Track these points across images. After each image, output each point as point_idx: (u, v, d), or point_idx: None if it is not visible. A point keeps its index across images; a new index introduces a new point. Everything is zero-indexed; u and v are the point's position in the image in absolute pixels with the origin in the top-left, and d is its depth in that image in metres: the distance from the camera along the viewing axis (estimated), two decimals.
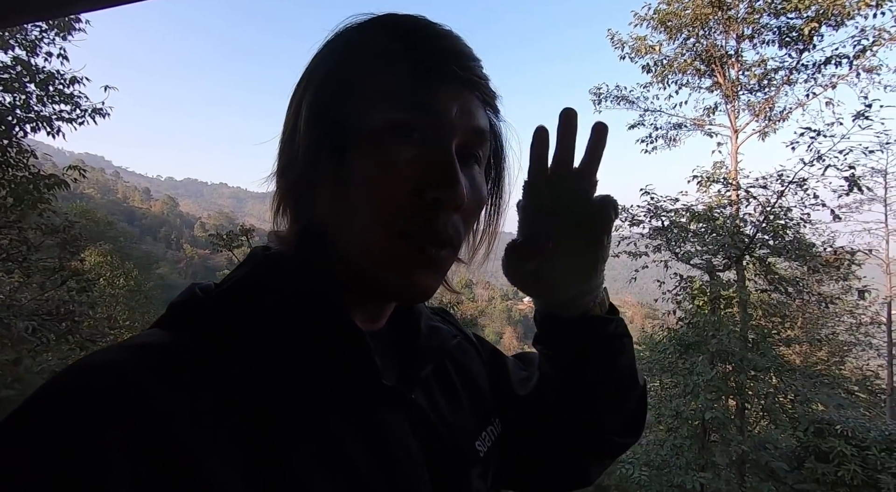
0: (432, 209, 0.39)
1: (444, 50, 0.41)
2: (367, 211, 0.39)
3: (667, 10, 7.58)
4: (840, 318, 11.51)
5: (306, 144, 0.41)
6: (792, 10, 6.87)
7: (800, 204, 6.79)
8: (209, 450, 0.30)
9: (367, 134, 0.39)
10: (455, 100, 0.41)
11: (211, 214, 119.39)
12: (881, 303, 10.75)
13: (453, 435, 0.48)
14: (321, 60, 0.44)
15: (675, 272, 7.69)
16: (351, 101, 0.40)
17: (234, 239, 3.80)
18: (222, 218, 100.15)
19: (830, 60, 7.02)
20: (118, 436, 0.27)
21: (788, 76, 7.46)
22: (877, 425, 6.17)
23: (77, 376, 0.30)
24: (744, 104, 7.95)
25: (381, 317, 0.48)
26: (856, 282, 8.26)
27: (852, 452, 5.81)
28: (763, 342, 7.10)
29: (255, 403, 0.34)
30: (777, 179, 6.76)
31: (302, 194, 0.42)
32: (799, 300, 8.01)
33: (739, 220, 7.26)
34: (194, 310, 0.39)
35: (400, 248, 0.39)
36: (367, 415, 0.40)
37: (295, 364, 0.38)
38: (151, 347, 0.34)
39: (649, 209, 7.49)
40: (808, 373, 7.75)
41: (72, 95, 5.88)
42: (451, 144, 0.40)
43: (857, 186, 6.30)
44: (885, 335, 10.54)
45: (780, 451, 6.68)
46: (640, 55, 8.11)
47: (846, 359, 11.81)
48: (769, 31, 7.35)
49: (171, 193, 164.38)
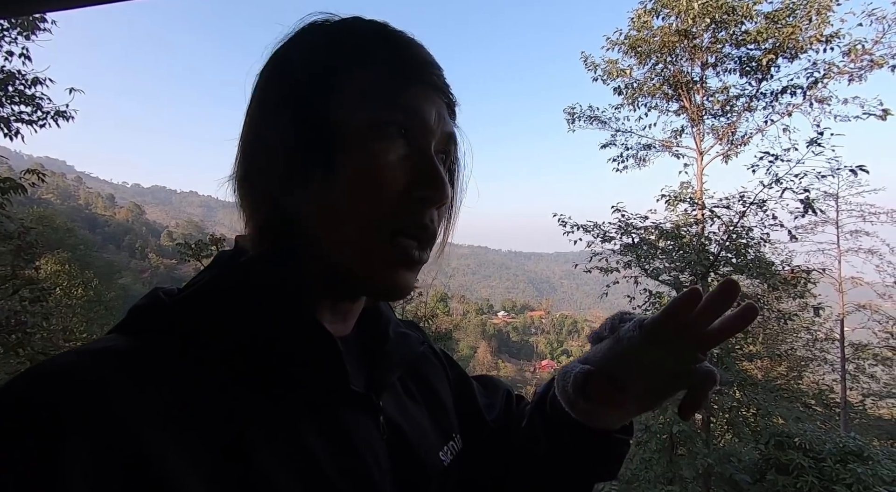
0: (419, 207, 0.41)
1: (420, 57, 0.43)
2: (356, 212, 0.39)
3: (637, 36, 7.93)
4: (798, 334, 12.04)
5: (285, 143, 0.40)
6: (751, 41, 7.31)
7: (760, 224, 7.12)
8: (172, 455, 0.29)
9: (353, 133, 0.39)
10: (433, 105, 0.43)
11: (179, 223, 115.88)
12: (835, 320, 11.29)
13: (419, 443, 0.48)
14: (293, 56, 0.43)
15: (644, 288, 7.89)
16: (334, 101, 0.40)
17: (203, 248, 3.68)
18: (191, 227, 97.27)
19: (786, 90, 7.47)
20: (76, 444, 0.27)
21: (749, 103, 7.88)
22: (832, 438, 6.43)
23: (31, 383, 0.29)
24: (708, 128, 8.34)
25: (349, 320, 0.48)
26: (812, 299, 8.67)
27: (810, 464, 6.02)
28: (727, 357, 7.33)
29: (220, 407, 0.33)
30: (739, 200, 7.08)
31: (278, 195, 0.41)
32: (760, 317, 8.33)
33: (704, 238, 7.54)
34: (157, 313, 0.37)
35: (388, 246, 0.40)
36: (336, 420, 0.40)
37: (262, 368, 0.37)
38: (109, 351, 0.32)
39: (620, 226, 7.71)
40: (768, 387, 8.03)
41: (33, 97, 5.65)
42: (431, 145, 0.42)
43: (812, 209, 6.67)
44: (839, 351, 11.04)
45: (743, 463, 6.85)
46: (611, 78, 8.43)
47: (803, 373, 12.32)
48: (731, 60, 7.77)
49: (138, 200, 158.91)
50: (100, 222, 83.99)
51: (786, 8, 7.06)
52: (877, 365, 11.62)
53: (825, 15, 6.79)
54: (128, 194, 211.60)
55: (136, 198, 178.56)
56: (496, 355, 64.76)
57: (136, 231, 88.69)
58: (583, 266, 8.19)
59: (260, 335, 0.38)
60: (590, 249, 8.03)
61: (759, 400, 6.88)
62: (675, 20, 7.54)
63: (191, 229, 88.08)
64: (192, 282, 0.41)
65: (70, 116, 6.06)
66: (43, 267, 14.74)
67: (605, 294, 8.29)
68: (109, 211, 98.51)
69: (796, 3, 6.99)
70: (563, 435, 0.51)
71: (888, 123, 6.94)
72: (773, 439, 6.50)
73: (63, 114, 5.98)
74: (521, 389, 16.72)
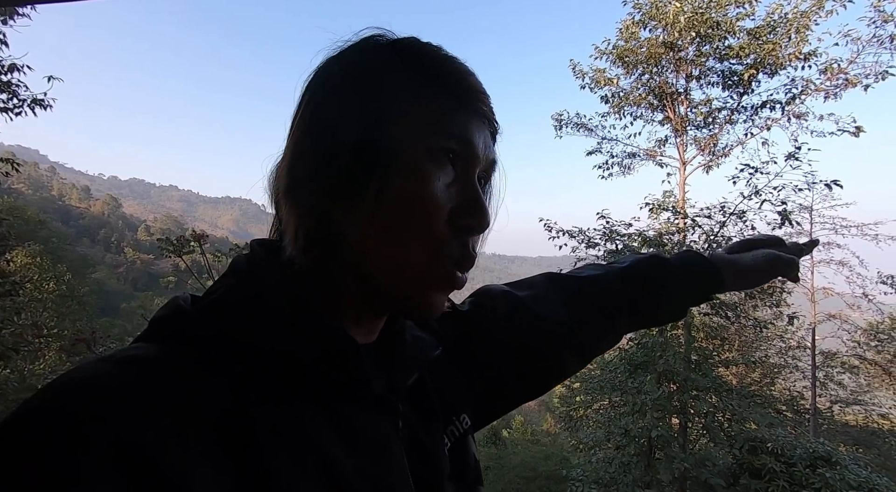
0: (463, 233, 0.42)
1: (472, 86, 0.44)
2: (405, 235, 0.40)
3: (625, 46, 8.07)
4: (771, 341, 12.39)
5: (340, 161, 0.40)
6: (734, 56, 7.51)
7: (739, 234, 7.31)
8: (194, 465, 0.30)
9: (407, 158, 0.40)
10: (479, 131, 0.44)
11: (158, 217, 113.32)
12: (807, 329, 11.66)
13: (432, 444, 0.49)
14: (349, 70, 0.43)
15: None
16: (391, 122, 0.40)
17: (184, 244, 3.58)
18: (170, 222, 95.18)
19: (766, 104, 7.70)
20: (98, 453, 0.27)
21: (730, 116, 8.09)
22: (802, 443, 6.62)
23: (57, 394, 0.29)
24: (691, 139, 8.53)
25: (375, 331, 0.49)
26: (786, 308, 8.93)
27: (781, 468, 6.19)
28: (704, 363, 7.50)
29: (242, 416, 0.34)
30: (720, 210, 7.27)
31: (328, 210, 0.41)
32: (737, 324, 8.55)
33: (686, 247, 7.70)
34: (179, 322, 0.37)
35: (432, 270, 0.41)
36: (357, 425, 0.40)
37: (286, 377, 0.37)
38: (134, 361, 0.33)
39: (605, 232, 7.83)
40: (743, 393, 8.24)
41: (9, 84, 5.47)
42: (475, 173, 0.44)
43: (789, 221, 6.88)
44: (809, 359, 11.39)
45: (718, 468, 7.01)
46: (599, 86, 8.56)
47: (776, 380, 12.68)
48: (714, 73, 7.98)
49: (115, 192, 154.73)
50: (74, 215, 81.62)
51: (767, 25, 7.29)
52: (844, 373, 12.05)
53: (804, 33, 7.03)
54: (104, 187, 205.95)
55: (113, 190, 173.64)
56: None
57: (112, 225, 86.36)
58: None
59: (282, 343, 0.38)
60: (574, 254, 8.13)
61: (734, 406, 7.05)
62: (662, 32, 7.71)
63: (170, 224, 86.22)
64: (213, 289, 0.41)
65: (48, 105, 5.88)
66: (13, 260, 14.23)
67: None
68: (84, 203, 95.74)
69: (777, 21, 7.22)
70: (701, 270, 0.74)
71: (861, 139, 7.21)
72: (747, 444, 6.67)
73: (41, 102, 5.81)
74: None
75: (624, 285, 0.71)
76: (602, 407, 8.54)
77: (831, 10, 6.91)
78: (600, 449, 7.56)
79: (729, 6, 7.35)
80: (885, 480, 5.92)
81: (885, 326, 11.70)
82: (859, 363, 11.87)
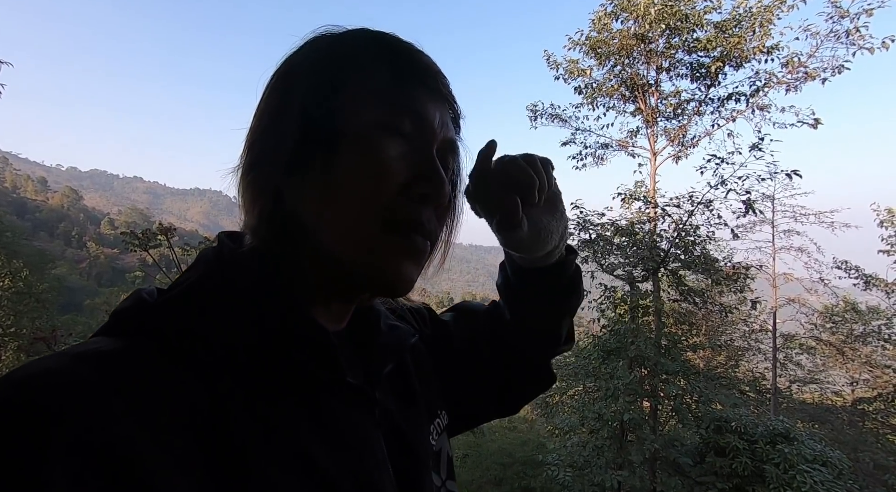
0: (418, 203, 0.42)
1: (426, 65, 0.45)
2: (356, 204, 0.40)
3: (597, 37, 8.16)
4: (736, 326, 12.93)
5: (291, 136, 0.41)
6: (701, 49, 7.70)
7: (706, 223, 7.56)
8: (160, 458, 0.29)
9: (357, 130, 0.40)
10: (436, 109, 0.44)
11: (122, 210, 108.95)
12: (768, 313, 12.20)
13: (412, 433, 0.49)
14: (304, 58, 0.44)
15: (600, 282, 8.20)
16: (341, 98, 0.41)
17: (150, 238, 3.45)
18: (135, 215, 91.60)
19: (731, 97, 7.93)
20: (61, 444, 0.26)
21: (698, 107, 8.31)
22: (763, 421, 6.97)
23: (14, 384, 0.28)
24: (661, 130, 8.72)
25: (344, 317, 0.48)
26: (750, 293, 9.32)
27: (744, 446, 6.50)
28: (674, 348, 7.77)
29: (211, 407, 0.33)
30: (688, 199, 7.48)
31: (281, 188, 0.41)
32: (704, 310, 8.87)
33: (656, 235, 7.92)
34: (141, 315, 0.36)
35: (389, 238, 0.41)
36: (333, 415, 0.40)
37: (255, 366, 0.36)
38: (93, 354, 0.32)
39: (579, 222, 7.96)
40: (709, 375, 8.59)
41: None
42: (432, 146, 0.43)
43: (752, 209, 7.15)
44: (771, 341, 11.95)
45: (686, 447, 7.31)
46: (572, 77, 8.64)
47: (740, 362, 13.27)
48: (683, 65, 8.16)
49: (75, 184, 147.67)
50: (30, 208, 77.61)
51: (733, 19, 7.49)
52: (802, 354, 12.70)
53: (767, 27, 7.25)
54: (63, 178, 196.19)
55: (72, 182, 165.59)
56: None
57: (72, 218, 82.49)
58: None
59: (251, 333, 0.37)
60: None
61: (701, 388, 7.35)
62: (633, 24, 7.82)
63: (135, 217, 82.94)
64: (178, 282, 0.40)
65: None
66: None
67: None
68: (41, 196, 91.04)
69: (742, 15, 7.43)
70: (523, 273, 0.62)
71: (819, 131, 7.52)
72: (713, 424, 6.97)
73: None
74: None
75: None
76: (577, 393, 8.76)
77: (793, 5, 7.15)
78: (575, 434, 7.76)
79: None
80: (837, 453, 6.30)
81: (840, 309, 12.36)
82: (815, 344, 12.53)
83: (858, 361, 11.89)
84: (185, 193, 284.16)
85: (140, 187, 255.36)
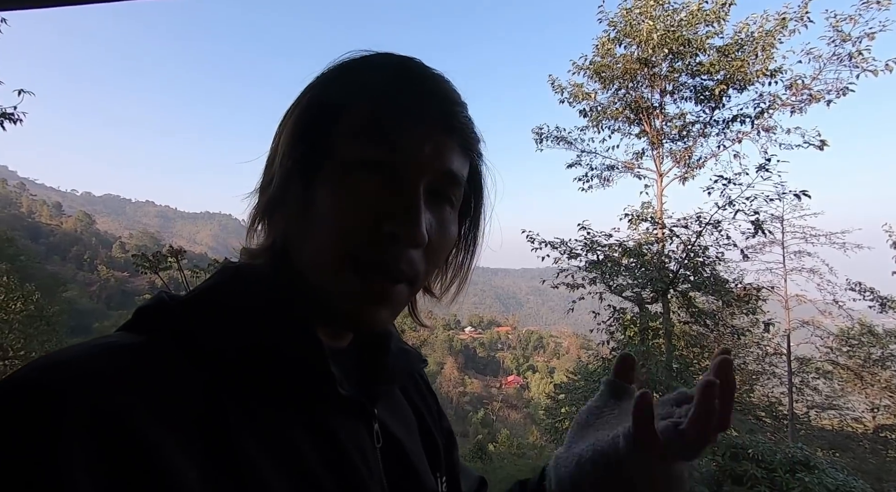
0: (388, 243, 0.40)
1: (428, 92, 0.43)
2: (323, 236, 0.41)
3: (601, 62, 8.32)
4: (749, 349, 12.63)
5: (282, 165, 0.43)
6: (705, 72, 7.81)
7: (715, 244, 7.50)
8: (170, 448, 0.31)
9: (337, 164, 0.41)
10: (428, 141, 0.42)
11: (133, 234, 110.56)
12: (782, 335, 11.94)
13: (416, 457, 0.50)
14: (309, 89, 0.46)
15: (608, 304, 8.11)
16: (332, 131, 0.42)
17: (161, 260, 3.50)
18: (146, 238, 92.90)
19: (736, 118, 8.00)
20: (78, 425, 0.28)
21: (703, 129, 8.37)
22: (781, 448, 6.73)
23: (39, 371, 0.30)
24: (667, 151, 8.78)
25: (345, 336, 0.50)
26: (762, 315, 9.15)
27: (762, 474, 6.26)
28: (686, 371, 7.60)
29: (213, 407, 0.35)
30: (696, 220, 7.46)
31: (275, 213, 0.44)
32: (716, 332, 8.71)
33: (665, 256, 7.86)
34: (159, 314, 0.39)
35: (348, 276, 0.40)
36: (326, 424, 0.41)
37: (255, 371, 0.38)
38: (113, 346, 0.34)
39: (586, 243, 7.94)
40: None
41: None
42: (417, 183, 0.41)
43: (761, 230, 7.10)
44: (786, 365, 11.65)
45: (701, 475, 7.05)
46: (577, 101, 8.77)
47: (755, 387, 12.91)
48: (687, 88, 8.27)
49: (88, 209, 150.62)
50: (44, 232, 79.04)
51: (735, 43, 7.61)
52: (819, 378, 12.34)
53: (770, 51, 7.36)
54: (77, 203, 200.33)
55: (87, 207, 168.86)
56: (463, 371, 64.54)
57: (84, 241, 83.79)
58: (550, 282, 8.36)
59: (250, 338, 0.39)
60: (556, 265, 8.21)
61: None
62: (636, 49, 7.98)
63: (146, 240, 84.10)
64: (196, 287, 0.43)
65: (18, 119, 5.72)
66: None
67: (570, 310, 8.46)
68: (56, 220, 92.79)
69: (744, 40, 7.55)
70: None
71: (826, 152, 7.52)
72: (729, 451, 6.74)
73: (9, 116, 5.64)
74: (486, 405, 16.87)
75: None
76: None
77: (794, 30, 7.27)
78: None
79: (699, 25, 7.66)
80: (860, 482, 6.04)
81: (856, 332, 12.07)
82: (832, 368, 12.18)
83: (878, 386, 11.52)
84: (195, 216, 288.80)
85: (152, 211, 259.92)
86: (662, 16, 7.78)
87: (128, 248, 76.40)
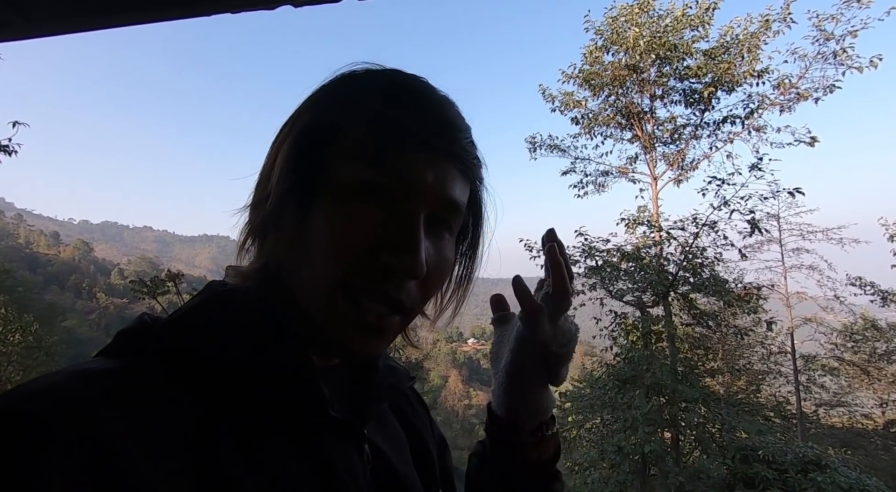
0: (387, 274, 0.39)
1: (432, 118, 0.41)
2: (319, 263, 0.39)
3: (590, 70, 8.43)
4: (753, 348, 12.57)
5: (278, 185, 0.41)
6: (693, 76, 7.92)
7: (713, 244, 7.52)
8: (151, 473, 0.30)
9: (335, 188, 0.39)
10: (431, 168, 0.40)
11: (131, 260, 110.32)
12: (785, 333, 11.89)
13: (407, 478, 0.49)
14: (309, 105, 0.44)
15: (610, 309, 8.08)
16: (328, 152, 0.40)
17: (159, 285, 3.48)
18: (144, 263, 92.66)
19: (726, 120, 8.10)
20: (58, 453, 0.27)
21: (694, 132, 8.45)
22: (792, 449, 6.64)
23: (16, 397, 0.29)
24: (660, 155, 8.85)
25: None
26: (764, 314, 9.12)
27: (774, 475, 6.17)
28: (691, 374, 7.54)
29: (200, 428, 0.34)
30: (692, 221, 7.48)
31: (268, 233, 0.42)
32: (719, 333, 8.68)
33: (663, 259, 7.87)
34: (142, 336, 0.38)
35: (343, 304, 0.39)
36: (316, 445, 0.40)
37: (243, 391, 0.37)
38: (93, 372, 0.33)
39: (584, 250, 7.95)
40: (731, 402, 8.28)
41: None
42: (418, 212, 0.40)
43: (758, 229, 7.12)
44: (791, 363, 11.57)
45: (712, 479, 6.95)
46: (568, 109, 8.86)
47: (761, 386, 12.81)
48: (676, 92, 8.37)
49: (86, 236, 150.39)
50: (41, 262, 78.77)
51: (721, 46, 7.74)
52: (825, 375, 12.26)
53: (755, 52, 7.48)
54: (75, 231, 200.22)
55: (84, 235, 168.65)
56: (467, 384, 63.89)
57: (82, 270, 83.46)
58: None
59: (243, 358, 0.38)
60: None
61: (724, 415, 7.07)
62: (624, 56, 8.09)
63: (144, 266, 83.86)
64: (180, 308, 0.41)
65: (13, 151, 5.75)
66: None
67: (572, 317, 8.41)
68: (53, 249, 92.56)
69: (729, 42, 7.68)
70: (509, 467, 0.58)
71: (817, 149, 7.59)
72: (739, 454, 6.65)
73: (5, 148, 5.67)
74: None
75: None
76: (594, 426, 8.45)
77: (778, 31, 7.40)
78: (595, 469, 7.43)
79: (684, 30, 7.79)
80: (874, 480, 5.96)
81: (859, 327, 12.03)
82: (838, 365, 12.11)
83: (885, 380, 11.45)
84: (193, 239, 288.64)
85: (149, 236, 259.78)
86: (648, 22, 7.91)
87: (126, 274, 76.14)
